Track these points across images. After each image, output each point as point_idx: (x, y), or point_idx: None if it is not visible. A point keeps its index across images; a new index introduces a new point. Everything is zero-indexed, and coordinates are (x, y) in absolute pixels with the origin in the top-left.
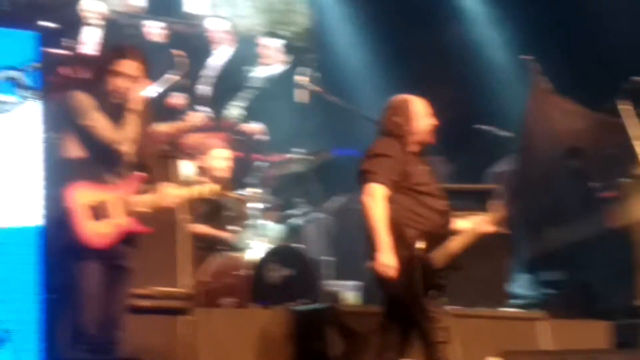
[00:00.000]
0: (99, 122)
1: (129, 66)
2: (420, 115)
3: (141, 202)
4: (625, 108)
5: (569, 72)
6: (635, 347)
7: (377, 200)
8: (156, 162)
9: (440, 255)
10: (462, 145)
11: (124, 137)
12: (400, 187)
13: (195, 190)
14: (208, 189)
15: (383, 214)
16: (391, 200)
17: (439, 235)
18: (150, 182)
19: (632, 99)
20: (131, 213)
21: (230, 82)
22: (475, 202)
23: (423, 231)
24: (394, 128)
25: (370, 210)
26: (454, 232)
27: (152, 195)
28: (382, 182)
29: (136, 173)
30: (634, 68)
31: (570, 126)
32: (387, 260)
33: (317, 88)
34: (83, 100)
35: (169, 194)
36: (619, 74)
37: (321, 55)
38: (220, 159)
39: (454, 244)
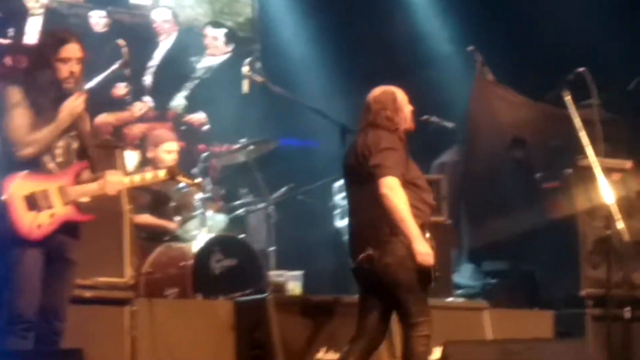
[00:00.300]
0: (16, 121)
1: (73, 50)
2: (405, 104)
3: (82, 191)
4: (568, 99)
5: (513, 63)
6: (577, 336)
7: (397, 191)
8: (100, 152)
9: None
10: (408, 136)
11: (33, 140)
12: (403, 181)
13: (138, 178)
14: (151, 175)
15: (407, 204)
16: None
17: (428, 228)
18: (92, 171)
19: (576, 89)
20: (71, 202)
21: (175, 72)
22: None
23: (421, 225)
24: (386, 121)
25: (394, 202)
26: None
27: (94, 183)
28: (396, 175)
29: (77, 162)
30: (577, 59)
31: (514, 117)
32: (424, 248)
33: (261, 78)
34: (12, 95)
35: (112, 181)
36: (563, 65)
37: (265, 45)
38: (169, 151)
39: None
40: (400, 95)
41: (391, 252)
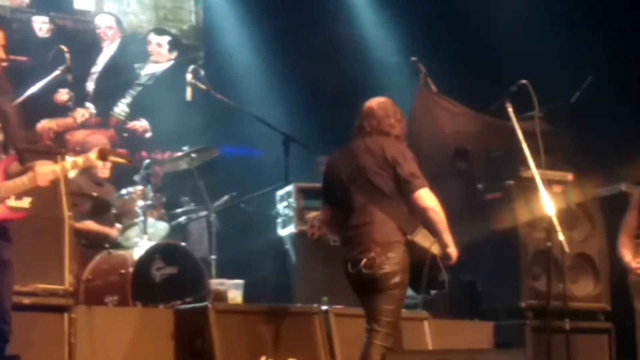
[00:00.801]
0: None
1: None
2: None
3: (12, 186)
4: (510, 110)
5: (456, 74)
6: (517, 347)
7: (436, 202)
8: (42, 158)
9: None
10: None
11: None
12: None
13: (69, 164)
14: (82, 159)
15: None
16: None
17: None
18: (20, 163)
19: (518, 101)
20: (2, 201)
21: (118, 79)
22: None
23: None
24: (391, 129)
25: (439, 215)
26: None
27: (23, 177)
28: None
29: (3, 156)
30: (520, 71)
31: (456, 128)
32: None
33: (204, 86)
34: None
35: (42, 172)
36: (506, 77)
37: (209, 53)
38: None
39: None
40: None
41: (393, 261)
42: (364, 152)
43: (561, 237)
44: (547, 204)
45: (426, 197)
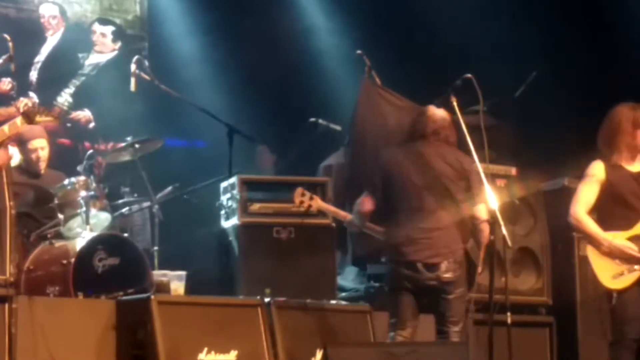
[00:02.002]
0: None
1: None
2: None
3: None
4: (455, 104)
5: (401, 68)
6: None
7: None
8: None
9: None
10: (294, 138)
11: None
12: None
13: None
14: (8, 127)
15: None
16: None
17: None
18: None
19: (463, 95)
20: None
21: (61, 68)
22: None
23: None
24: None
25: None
26: None
27: None
28: None
29: None
30: (465, 65)
31: (400, 121)
32: None
33: (148, 76)
34: None
35: None
36: (451, 71)
37: (153, 43)
38: (38, 148)
39: None
40: None
41: (460, 266)
42: (440, 160)
43: (504, 231)
44: (491, 197)
45: (484, 211)
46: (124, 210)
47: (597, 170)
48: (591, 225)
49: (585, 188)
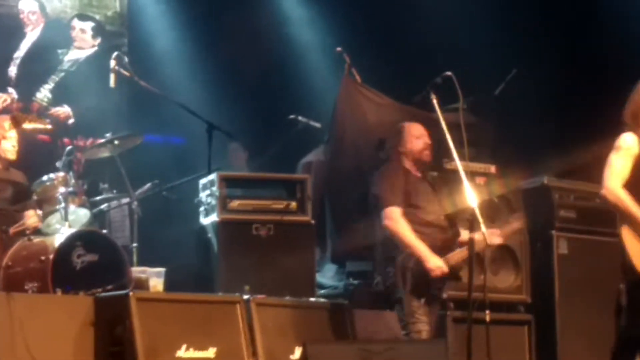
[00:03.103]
0: None
1: None
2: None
3: None
4: (435, 102)
5: (381, 65)
6: (438, 337)
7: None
8: None
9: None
10: (274, 134)
11: None
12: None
13: None
14: None
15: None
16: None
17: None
18: None
19: (443, 93)
20: None
21: (41, 64)
22: (285, 192)
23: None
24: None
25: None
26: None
27: None
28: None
29: None
30: (445, 63)
31: (380, 118)
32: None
33: (128, 73)
34: None
35: None
36: (431, 68)
37: (133, 39)
38: (9, 139)
39: (455, 256)
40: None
41: None
42: None
43: (483, 229)
44: (470, 195)
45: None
46: (103, 206)
47: (630, 142)
48: (631, 203)
49: (619, 160)
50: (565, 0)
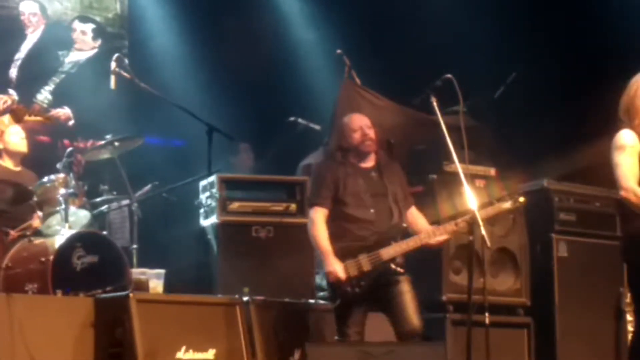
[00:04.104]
0: None
1: None
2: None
3: None
4: (435, 104)
5: (381, 67)
6: (437, 340)
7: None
8: None
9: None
10: (273, 137)
11: None
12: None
13: None
14: None
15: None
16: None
17: (363, 245)
18: None
19: (443, 95)
20: None
21: (41, 65)
22: (284, 194)
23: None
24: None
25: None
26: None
27: None
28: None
29: None
30: (445, 65)
31: (380, 120)
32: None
33: (128, 74)
34: None
35: None
36: (431, 71)
37: (133, 41)
38: (15, 134)
39: (389, 251)
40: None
41: None
42: None
43: (483, 231)
44: (470, 198)
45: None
46: (103, 208)
47: (630, 139)
48: None
49: (627, 159)
50: (564, 4)
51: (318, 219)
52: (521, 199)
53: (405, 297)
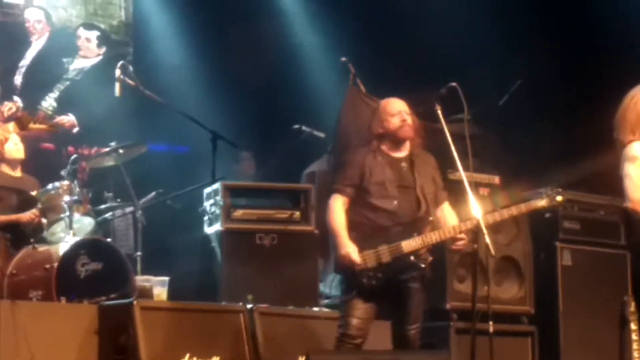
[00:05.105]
0: None
1: None
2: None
3: None
4: (439, 112)
5: (385, 75)
6: (441, 348)
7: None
8: None
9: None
10: (278, 144)
11: None
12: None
13: None
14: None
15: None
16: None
17: (385, 234)
18: None
19: (447, 104)
20: None
21: (46, 72)
22: (288, 201)
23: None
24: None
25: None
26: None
27: None
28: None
29: None
30: (449, 73)
31: None
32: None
33: (133, 82)
34: None
35: None
36: (435, 79)
37: (138, 48)
38: (9, 141)
39: (411, 244)
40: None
41: None
42: None
43: (487, 239)
44: (474, 206)
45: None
46: (107, 215)
47: None
48: None
49: (637, 172)
50: (569, 12)
51: (336, 206)
52: (559, 198)
53: (414, 300)
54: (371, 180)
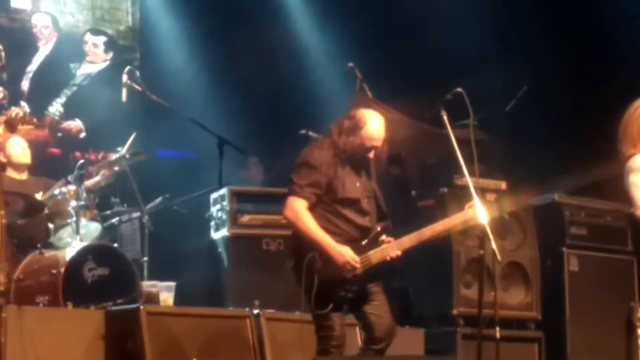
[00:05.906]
0: None
1: None
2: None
3: None
4: (445, 118)
5: (392, 81)
6: (448, 354)
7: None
8: None
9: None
10: (285, 150)
11: None
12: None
13: None
14: None
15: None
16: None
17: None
18: None
19: (453, 109)
20: None
21: (53, 78)
22: None
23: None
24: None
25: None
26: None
27: None
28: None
29: None
30: (456, 79)
31: (391, 134)
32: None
33: (140, 87)
34: None
35: None
36: (442, 85)
37: (145, 54)
38: (17, 146)
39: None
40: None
41: None
42: None
43: (494, 245)
44: (480, 212)
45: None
46: (114, 220)
47: None
48: None
49: None
50: (575, 19)
51: (305, 212)
52: (471, 212)
53: (381, 297)
54: (345, 193)
